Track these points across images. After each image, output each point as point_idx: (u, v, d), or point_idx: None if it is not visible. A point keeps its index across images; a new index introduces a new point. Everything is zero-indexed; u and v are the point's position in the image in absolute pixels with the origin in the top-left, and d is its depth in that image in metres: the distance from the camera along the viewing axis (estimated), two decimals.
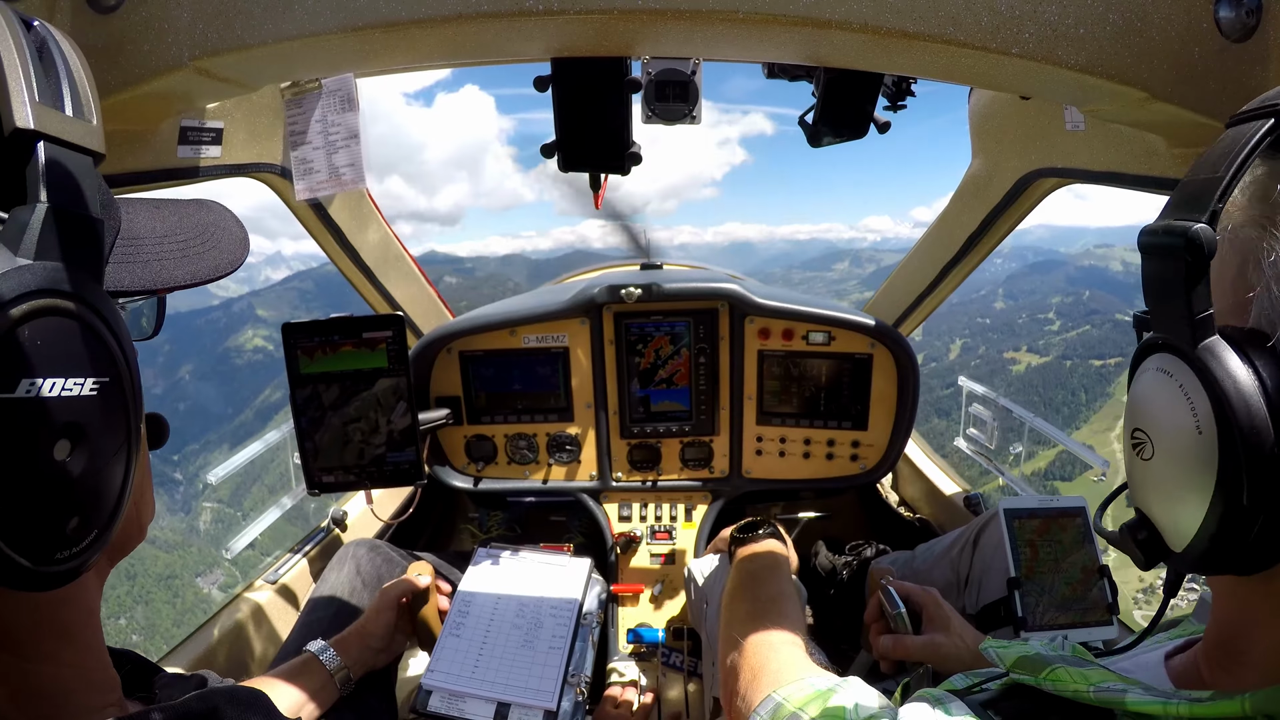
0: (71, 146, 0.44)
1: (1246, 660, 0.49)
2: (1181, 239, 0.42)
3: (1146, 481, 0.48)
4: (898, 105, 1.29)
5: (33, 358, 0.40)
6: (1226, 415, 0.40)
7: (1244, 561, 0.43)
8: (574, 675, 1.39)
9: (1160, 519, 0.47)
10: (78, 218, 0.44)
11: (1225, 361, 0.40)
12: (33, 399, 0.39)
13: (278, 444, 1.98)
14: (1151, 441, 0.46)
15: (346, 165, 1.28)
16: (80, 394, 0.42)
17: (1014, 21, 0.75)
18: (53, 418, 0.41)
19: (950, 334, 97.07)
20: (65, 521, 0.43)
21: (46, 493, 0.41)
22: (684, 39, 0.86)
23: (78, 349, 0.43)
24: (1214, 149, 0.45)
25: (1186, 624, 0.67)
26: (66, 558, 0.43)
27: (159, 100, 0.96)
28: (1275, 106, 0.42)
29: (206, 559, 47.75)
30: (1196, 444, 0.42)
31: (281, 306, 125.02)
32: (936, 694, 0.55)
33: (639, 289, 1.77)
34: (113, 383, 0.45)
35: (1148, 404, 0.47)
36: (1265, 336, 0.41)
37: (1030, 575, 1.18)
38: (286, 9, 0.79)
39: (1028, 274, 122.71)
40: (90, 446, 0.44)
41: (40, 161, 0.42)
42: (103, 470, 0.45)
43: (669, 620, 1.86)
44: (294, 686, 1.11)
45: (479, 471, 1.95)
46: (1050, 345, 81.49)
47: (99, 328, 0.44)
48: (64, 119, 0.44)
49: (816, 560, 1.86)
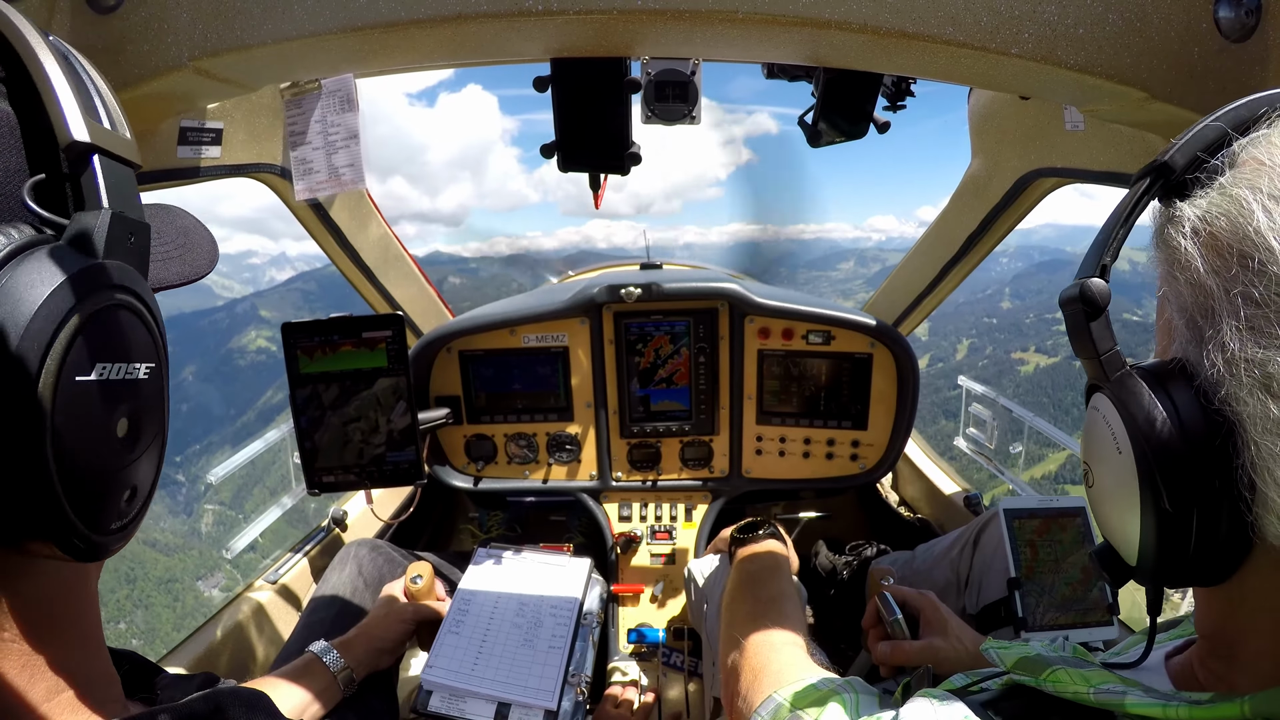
0: (119, 159, 0.49)
1: (1235, 665, 0.50)
2: (1078, 291, 0.49)
3: (1096, 507, 0.53)
4: (897, 105, 1.29)
5: (106, 345, 0.45)
6: (1135, 430, 0.44)
7: (1199, 572, 0.46)
8: (574, 675, 1.39)
9: (1114, 537, 0.51)
10: (132, 222, 0.49)
11: (1131, 386, 0.45)
12: (104, 381, 0.45)
13: (277, 444, 1.98)
14: (1093, 471, 0.51)
15: (346, 165, 1.28)
16: (137, 378, 0.48)
17: (1013, 21, 0.75)
18: (118, 399, 0.46)
19: (957, 334, 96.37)
20: (122, 494, 0.48)
21: (112, 467, 0.46)
22: (683, 39, 0.86)
23: (136, 338, 0.48)
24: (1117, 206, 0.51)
25: (1186, 624, 0.67)
26: (118, 529, 0.48)
27: (159, 101, 0.96)
28: (1156, 163, 0.47)
29: (208, 562, 47.45)
30: (1119, 463, 0.46)
31: (285, 307, 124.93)
32: (937, 694, 0.55)
33: (639, 288, 1.77)
34: (158, 367, 0.51)
35: (1086, 438, 0.52)
36: (1174, 359, 0.46)
37: (1030, 575, 1.18)
38: (286, 9, 0.79)
39: (1035, 273, 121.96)
40: (142, 424, 0.49)
41: (98, 171, 0.47)
42: (150, 446, 0.50)
43: (669, 620, 1.86)
44: (296, 688, 1.11)
45: (479, 471, 1.95)
46: (1059, 345, 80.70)
47: (149, 318, 0.50)
48: (111, 133, 0.48)
49: (816, 560, 1.86)
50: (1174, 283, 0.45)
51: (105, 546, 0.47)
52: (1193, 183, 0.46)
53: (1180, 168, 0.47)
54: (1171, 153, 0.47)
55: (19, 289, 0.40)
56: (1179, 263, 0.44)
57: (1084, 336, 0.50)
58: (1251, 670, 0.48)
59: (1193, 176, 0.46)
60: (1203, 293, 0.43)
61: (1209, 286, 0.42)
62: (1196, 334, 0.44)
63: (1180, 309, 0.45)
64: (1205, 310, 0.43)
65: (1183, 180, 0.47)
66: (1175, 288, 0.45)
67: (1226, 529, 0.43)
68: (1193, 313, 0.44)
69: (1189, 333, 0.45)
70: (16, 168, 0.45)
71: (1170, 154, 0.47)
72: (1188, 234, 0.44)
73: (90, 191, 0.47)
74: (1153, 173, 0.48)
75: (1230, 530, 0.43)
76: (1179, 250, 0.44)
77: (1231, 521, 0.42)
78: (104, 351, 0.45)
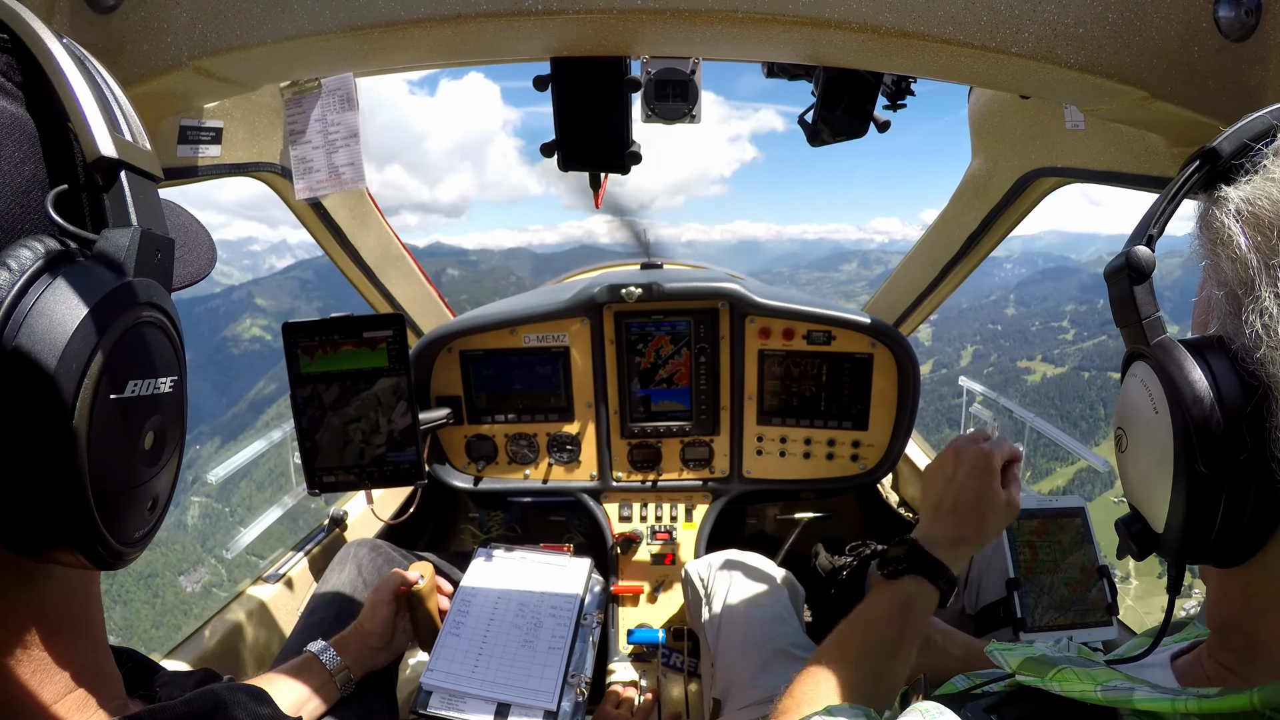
0: (142, 173, 0.49)
1: (1247, 655, 0.50)
2: (1124, 260, 0.52)
3: (1127, 471, 0.54)
4: (897, 105, 1.29)
5: (137, 363, 0.46)
6: (1174, 391, 0.46)
7: (1224, 545, 0.46)
8: (574, 675, 1.39)
9: (1141, 503, 0.53)
10: (159, 239, 0.50)
11: (1172, 351, 0.48)
12: (135, 397, 0.46)
13: (280, 442, 1.99)
14: (1127, 434, 0.53)
15: (346, 164, 1.28)
16: (162, 391, 0.49)
17: (1013, 21, 0.75)
18: (146, 414, 0.47)
19: (961, 339, 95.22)
20: (145, 504, 0.49)
21: (138, 479, 0.47)
22: (683, 39, 0.86)
23: (162, 352, 0.49)
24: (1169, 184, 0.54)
25: (1192, 627, 0.67)
26: (140, 539, 0.49)
27: (158, 100, 0.96)
28: (1206, 149, 0.50)
29: (190, 556, 46.81)
30: (1155, 425, 0.48)
31: (281, 296, 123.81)
32: (930, 707, 0.55)
33: (639, 288, 1.77)
34: (179, 379, 0.51)
35: (1123, 403, 0.54)
36: (1213, 335, 0.48)
37: (1029, 576, 1.18)
38: (286, 9, 0.79)
39: (1040, 280, 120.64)
40: (166, 437, 0.50)
41: (126, 188, 0.47)
42: (172, 457, 0.51)
43: (669, 620, 1.86)
44: (294, 686, 1.11)
45: (479, 471, 1.95)
46: (1066, 355, 79.54)
47: (173, 334, 0.51)
48: (135, 147, 0.49)
49: (816, 560, 1.87)
50: (1215, 259, 0.47)
51: (126, 555, 0.47)
52: (1238, 169, 0.48)
53: (1228, 154, 0.49)
54: (1221, 140, 0.50)
55: (55, 308, 0.40)
56: (1221, 240, 0.46)
57: (1128, 302, 0.52)
58: (1266, 657, 0.48)
59: (1238, 163, 0.49)
60: (1243, 266, 0.45)
61: (1250, 260, 0.44)
62: (1235, 305, 0.45)
63: (1220, 283, 0.47)
64: (1245, 282, 0.45)
65: (1229, 166, 0.49)
66: (1216, 263, 0.47)
67: (1256, 499, 0.44)
68: (1232, 285, 0.46)
69: (1228, 305, 0.46)
70: (35, 177, 0.44)
71: (1220, 141, 0.50)
72: (1232, 213, 0.46)
73: (119, 208, 0.47)
74: (1202, 156, 0.50)
75: (1259, 500, 0.44)
76: (1223, 229, 0.46)
77: (1261, 491, 0.44)
78: (135, 369, 0.45)
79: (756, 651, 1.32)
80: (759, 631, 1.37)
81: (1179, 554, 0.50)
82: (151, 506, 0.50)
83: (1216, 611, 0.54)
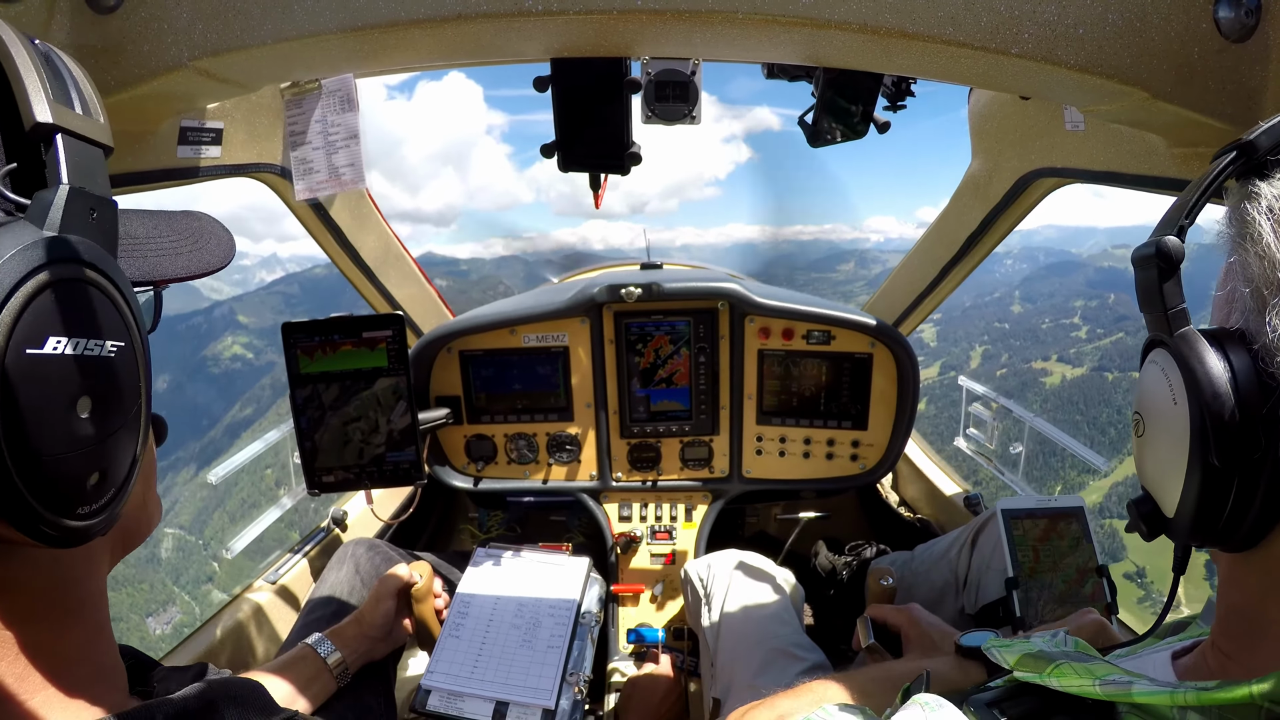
0: (84, 139, 0.49)
1: (1252, 643, 0.50)
2: (1154, 249, 0.51)
3: (1142, 455, 0.56)
4: (897, 105, 1.29)
5: (58, 318, 0.44)
6: (1193, 381, 0.47)
7: (1232, 531, 0.48)
8: (573, 674, 1.39)
9: (1154, 487, 0.54)
10: (94, 198, 0.49)
11: (1195, 344, 0.48)
12: (58, 355, 0.43)
13: (278, 443, 1.98)
14: (1144, 420, 0.54)
15: (346, 165, 1.28)
16: (100, 354, 0.46)
17: (1013, 21, 0.75)
18: (76, 375, 0.45)
19: (969, 339, 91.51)
20: (87, 477, 0.46)
21: (71, 446, 0.45)
22: (683, 39, 0.86)
23: (96, 313, 0.47)
24: (1201, 175, 0.54)
25: (1194, 627, 0.67)
26: (87, 514, 0.46)
27: (159, 100, 0.96)
28: (1241, 142, 0.49)
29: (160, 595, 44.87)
30: (1173, 413, 0.49)
31: (264, 312, 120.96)
32: (930, 699, 0.55)
33: (639, 288, 1.77)
34: (127, 348, 0.49)
35: (1141, 390, 0.55)
36: (1236, 328, 0.49)
37: (1029, 575, 1.18)
38: (286, 9, 0.79)
39: (1043, 275, 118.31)
40: (108, 406, 0.47)
41: (60, 150, 0.47)
42: (119, 431, 0.49)
43: (669, 620, 1.87)
44: (289, 677, 1.11)
45: (479, 471, 1.96)
46: (1082, 354, 76.51)
47: (115, 296, 0.49)
48: (76, 115, 0.49)
49: (816, 560, 1.87)
50: (1244, 254, 0.47)
51: (78, 532, 0.46)
52: (1273, 164, 0.48)
53: (1264, 149, 0.49)
54: (1257, 134, 0.49)
55: None
56: (1251, 236, 0.47)
57: (1154, 291, 0.52)
58: (1273, 645, 0.49)
59: (1274, 158, 0.48)
60: (1271, 265, 0.45)
61: (1278, 259, 0.45)
62: (1260, 303, 0.46)
63: (1247, 279, 0.47)
64: (1271, 281, 0.45)
65: (1264, 161, 0.49)
66: (1244, 259, 0.47)
67: (1266, 490, 0.45)
68: (1259, 283, 0.46)
69: (1253, 302, 0.47)
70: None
71: (1256, 135, 0.49)
72: (1264, 210, 0.46)
73: (53, 171, 0.47)
74: (1238, 149, 0.50)
75: (1269, 492, 0.45)
76: (1253, 224, 0.47)
77: (1271, 485, 0.45)
78: (58, 325, 0.43)
79: (756, 651, 1.32)
80: (759, 631, 1.37)
81: (1187, 538, 0.51)
82: (99, 481, 0.47)
83: (1226, 596, 0.54)
